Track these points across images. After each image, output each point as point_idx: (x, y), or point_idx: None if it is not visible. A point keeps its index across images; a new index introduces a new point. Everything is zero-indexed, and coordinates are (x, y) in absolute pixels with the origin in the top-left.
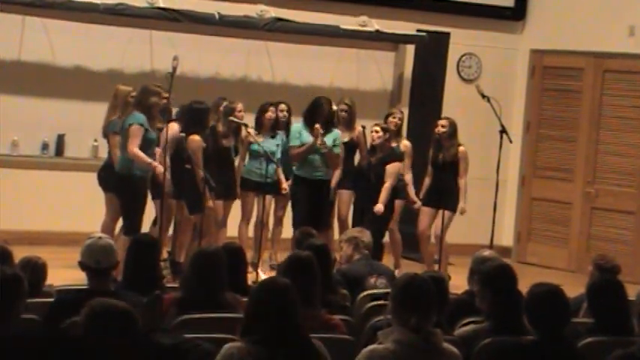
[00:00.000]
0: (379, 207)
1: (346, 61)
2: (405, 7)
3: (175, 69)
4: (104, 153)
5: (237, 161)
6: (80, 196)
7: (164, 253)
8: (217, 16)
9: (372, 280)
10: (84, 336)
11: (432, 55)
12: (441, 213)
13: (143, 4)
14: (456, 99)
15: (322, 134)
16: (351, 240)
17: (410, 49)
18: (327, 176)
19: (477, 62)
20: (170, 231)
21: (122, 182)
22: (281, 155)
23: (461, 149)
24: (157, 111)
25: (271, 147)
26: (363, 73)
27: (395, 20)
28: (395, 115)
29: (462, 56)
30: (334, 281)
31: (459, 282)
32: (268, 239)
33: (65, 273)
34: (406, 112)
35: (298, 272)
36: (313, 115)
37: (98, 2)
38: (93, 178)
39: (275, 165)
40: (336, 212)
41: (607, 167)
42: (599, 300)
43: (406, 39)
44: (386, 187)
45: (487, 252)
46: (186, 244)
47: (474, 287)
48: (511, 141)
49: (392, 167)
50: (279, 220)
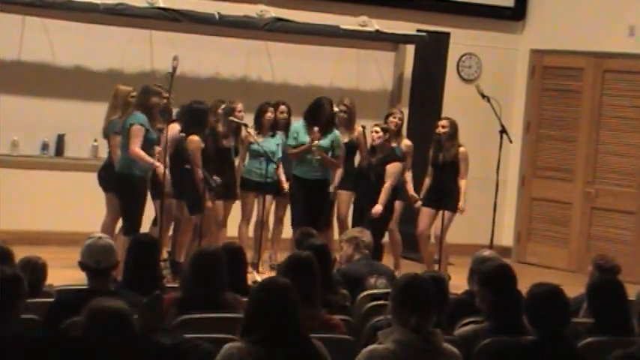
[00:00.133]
0: (377, 208)
1: (346, 61)
2: (405, 7)
3: (175, 69)
4: (104, 153)
5: (237, 161)
6: (80, 196)
7: (164, 253)
8: (217, 16)
9: (372, 280)
10: (84, 336)
11: (432, 55)
12: (441, 213)
13: (143, 4)
14: (456, 99)
15: (319, 138)
16: (352, 240)
17: (410, 49)
18: (325, 176)
19: (477, 62)
20: (170, 231)
21: (122, 182)
22: (282, 155)
23: (461, 150)
24: (158, 111)
25: (271, 147)
26: (363, 73)
27: (395, 20)
28: (395, 115)
29: (462, 56)
30: (334, 281)
31: (459, 282)
32: (268, 239)
33: (65, 273)
34: (406, 112)
35: (298, 272)
36: (314, 116)
37: (98, 2)
38: (93, 178)
39: (275, 165)
40: (336, 212)
41: (607, 167)
42: (599, 300)
43: (406, 39)
44: (386, 188)
45: (487, 252)
46: (186, 244)
47: (474, 287)
48: (511, 141)
49: (392, 167)
50: (279, 220)
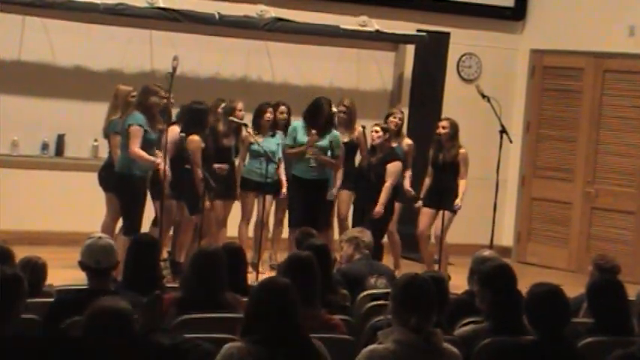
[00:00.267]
0: (378, 209)
1: (346, 61)
2: (405, 7)
3: (175, 69)
4: (104, 153)
5: (237, 161)
6: (80, 196)
7: (164, 253)
8: (217, 16)
9: (372, 280)
10: (84, 336)
11: (432, 55)
12: (441, 214)
13: (143, 4)
14: (456, 99)
15: (316, 140)
16: (352, 240)
17: (410, 49)
18: (324, 176)
19: (477, 62)
20: (171, 231)
21: (122, 182)
22: (283, 155)
23: (461, 151)
24: (157, 111)
25: (271, 146)
26: (363, 73)
27: (395, 20)
28: (395, 115)
29: (462, 56)
30: (334, 281)
31: (459, 282)
32: (268, 239)
33: (65, 273)
34: (406, 112)
35: (298, 272)
36: (314, 116)
37: (98, 2)
38: (93, 178)
39: (275, 165)
40: (336, 212)
41: (607, 167)
42: (599, 300)
43: (406, 39)
44: (386, 187)
45: (487, 252)
46: (186, 245)
47: (474, 287)
48: (511, 141)
49: (393, 166)
50: (279, 221)
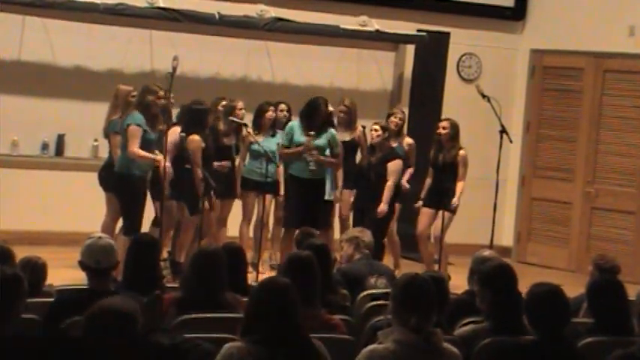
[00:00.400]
0: (382, 208)
1: (346, 61)
2: (405, 7)
3: (175, 69)
4: (104, 153)
5: (237, 160)
6: (80, 196)
7: (164, 253)
8: (217, 16)
9: (373, 280)
10: (84, 336)
11: (432, 55)
12: (441, 214)
13: (143, 4)
14: (456, 99)
15: (313, 139)
16: (352, 240)
17: (410, 49)
18: (321, 175)
19: (477, 62)
20: (172, 232)
21: (121, 182)
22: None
23: (461, 153)
24: (157, 110)
25: (272, 146)
26: (363, 73)
27: (395, 20)
28: (396, 115)
29: (462, 56)
30: (334, 281)
31: (459, 282)
32: (268, 239)
33: (65, 273)
34: (406, 112)
35: (298, 272)
36: (311, 116)
37: (98, 2)
38: (93, 178)
39: (276, 165)
40: (337, 212)
41: (607, 167)
42: (599, 300)
43: (406, 39)
44: (389, 186)
45: (487, 252)
46: (187, 245)
47: (475, 287)
48: (511, 141)
49: (393, 165)
50: (279, 221)
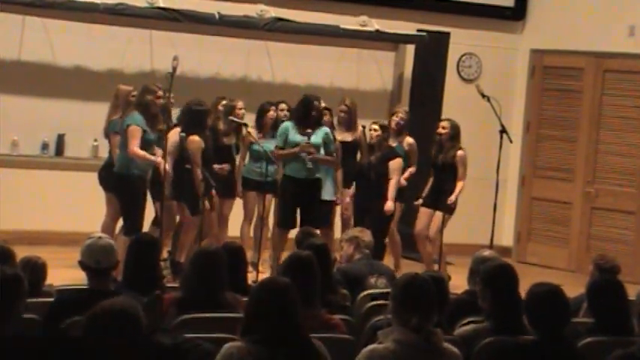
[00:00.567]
0: (389, 205)
1: (346, 61)
2: (405, 7)
3: (175, 69)
4: (104, 153)
5: (237, 160)
6: (80, 196)
7: (164, 253)
8: (217, 16)
9: (373, 280)
10: (84, 336)
11: (432, 55)
12: (437, 214)
13: (143, 4)
14: (456, 99)
15: (310, 145)
16: (352, 239)
17: (410, 49)
18: (315, 175)
19: (477, 62)
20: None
21: (121, 182)
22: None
23: (459, 153)
24: (156, 110)
25: (272, 147)
26: (363, 73)
27: (395, 20)
28: (398, 114)
29: (462, 56)
30: (334, 281)
31: (459, 282)
32: (268, 239)
33: (65, 273)
34: None
35: (298, 272)
36: (306, 115)
37: (98, 2)
38: (93, 178)
39: (276, 165)
40: (340, 211)
41: (607, 167)
42: (599, 300)
43: (406, 39)
44: (392, 184)
45: (487, 252)
46: (188, 245)
47: (477, 287)
48: (511, 141)
49: (395, 163)
50: None
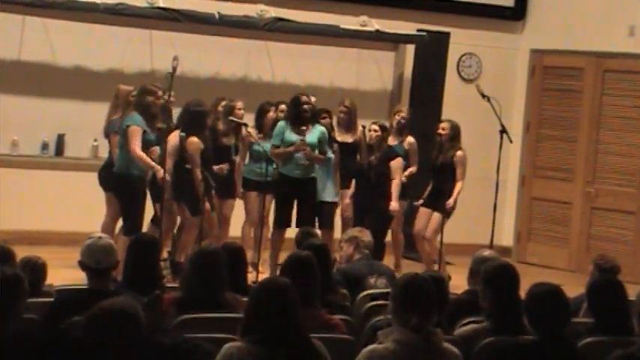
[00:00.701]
0: (394, 205)
1: (346, 61)
2: (405, 7)
3: (175, 69)
4: (104, 153)
5: (237, 159)
6: (80, 196)
7: (164, 253)
8: (217, 16)
9: (372, 280)
10: (84, 336)
11: (432, 55)
12: (435, 214)
13: (143, 4)
14: (456, 99)
15: (304, 142)
16: (352, 240)
17: (410, 49)
18: (310, 174)
19: (477, 62)
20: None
21: (120, 182)
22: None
23: (458, 154)
24: (156, 110)
25: None
26: (363, 73)
27: (395, 20)
28: (399, 113)
29: (462, 56)
30: (334, 281)
31: (459, 282)
32: (268, 239)
33: (65, 273)
34: None
35: (298, 272)
36: (297, 115)
37: (98, 2)
38: (93, 178)
39: (276, 166)
40: (340, 212)
41: (607, 167)
42: (599, 300)
43: (406, 39)
44: (396, 184)
45: (487, 252)
46: (189, 245)
47: (478, 287)
48: (511, 141)
49: (396, 163)
50: None
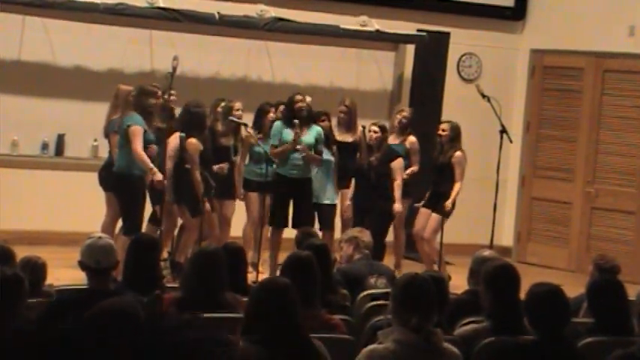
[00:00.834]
0: (397, 207)
1: (346, 61)
2: (405, 7)
3: (175, 69)
4: (104, 153)
5: (237, 159)
6: (80, 196)
7: (164, 253)
8: (217, 16)
9: (372, 280)
10: (84, 336)
11: (432, 55)
12: (434, 215)
13: (143, 4)
14: (456, 99)
15: (300, 135)
16: (352, 240)
17: (410, 49)
18: (307, 174)
19: (477, 62)
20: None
21: (121, 182)
22: None
23: (456, 154)
24: (154, 110)
25: None
26: (363, 73)
27: (395, 20)
28: (401, 113)
29: (462, 56)
30: (334, 281)
31: (459, 282)
32: (268, 239)
33: (65, 273)
34: None
35: (298, 272)
36: (290, 113)
37: (98, 2)
38: (93, 178)
39: (276, 166)
40: (340, 212)
41: (607, 167)
42: (599, 300)
43: (406, 39)
44: (397, 185)
45: (487, 252)
46: (190, 246)
47: (479, 286)
48: (511, 141)
49: (397, 163)
50: None
